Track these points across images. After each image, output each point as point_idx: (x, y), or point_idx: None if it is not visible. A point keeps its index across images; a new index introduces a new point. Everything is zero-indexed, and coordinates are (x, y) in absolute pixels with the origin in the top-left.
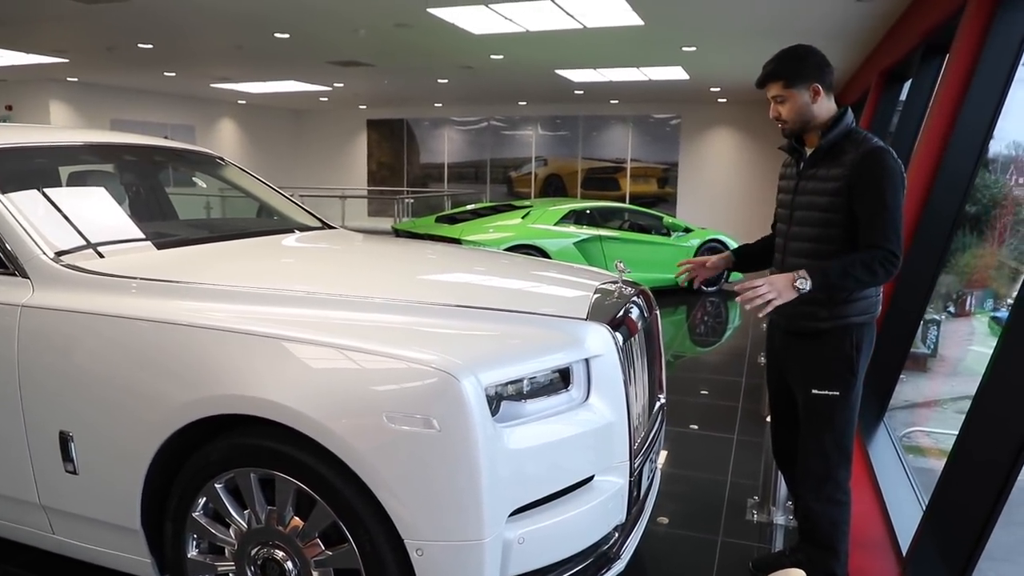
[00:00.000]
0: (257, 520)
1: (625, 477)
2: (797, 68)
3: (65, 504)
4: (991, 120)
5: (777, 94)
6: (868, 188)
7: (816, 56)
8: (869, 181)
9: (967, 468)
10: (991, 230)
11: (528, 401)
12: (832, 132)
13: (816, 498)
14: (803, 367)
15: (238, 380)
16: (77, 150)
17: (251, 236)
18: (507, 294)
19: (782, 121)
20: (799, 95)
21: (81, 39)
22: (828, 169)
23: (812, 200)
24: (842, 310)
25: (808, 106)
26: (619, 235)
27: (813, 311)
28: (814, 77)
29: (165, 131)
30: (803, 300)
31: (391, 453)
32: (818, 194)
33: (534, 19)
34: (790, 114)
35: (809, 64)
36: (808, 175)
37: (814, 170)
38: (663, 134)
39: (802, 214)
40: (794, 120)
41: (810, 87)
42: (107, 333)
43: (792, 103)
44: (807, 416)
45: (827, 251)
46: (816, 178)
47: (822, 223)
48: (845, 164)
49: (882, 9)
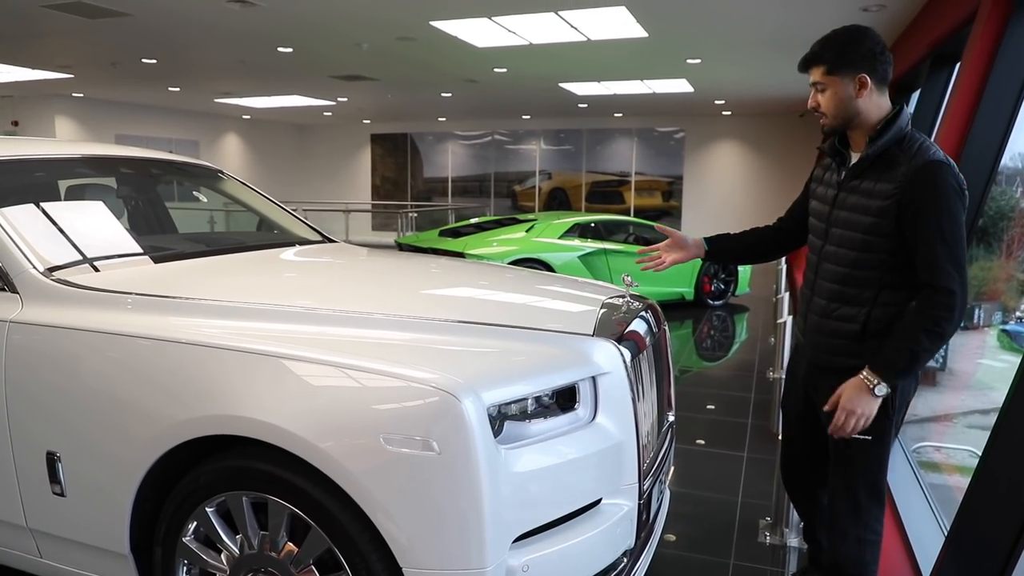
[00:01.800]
0: (249, 545)
1: (634, 500)
2: (843, 52)
3: (52, 527)
4: (1005, 132)
5: (818, 80)
6: (922, 212)
7: (871, 41)
8: (923, 204)
9: (991, 491)
10: (999, 243)
11: (532, 421)
12: (882, 137)
13: (844, 541)
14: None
15: (230, 399)
16: (74, 163)
17: (250, 250)
18: (511, 309)
19: (820, 113)
20: (842, 85)
21: (86, 55)
22: (875, 183)
23: (853, 218)
24: (877, 346)
25: (851, 100)
26: (624, 248)
27: (846, 346)
28: (862, 66)
29: (170, 146)
30: (836, 333)
31: (388, 476)
32: (861, 212)
33: (538, 32)
34: (829, 106)
35: (859, 50)
36: (851, 187)
37: (858, 181)
38: (667, 147)
39: (840, 233)
40: (834, 114)
41: (856, 77)
42: (96, 350)
43: (833, 93)
44: (837, 458)
45: (864, 278)
46: (860, 192)
47: (862, 246)
48: (895, 179)
49: (889, 20)
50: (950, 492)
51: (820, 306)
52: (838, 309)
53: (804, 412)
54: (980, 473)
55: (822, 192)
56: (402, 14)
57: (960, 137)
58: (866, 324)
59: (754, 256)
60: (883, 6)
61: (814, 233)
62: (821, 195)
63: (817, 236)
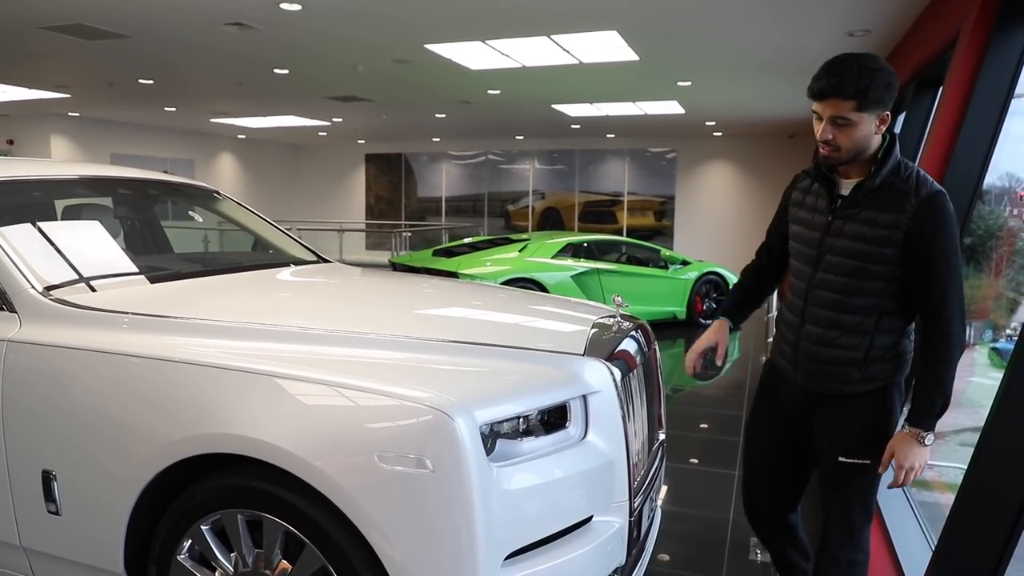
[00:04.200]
0: (244, 564)
1: (625, 517)
2: (877, 89)
3: (47, 546)
4: (987, 152)
5: (844, 115)
6: (933, 245)
7: (892, 75)
8: (933, 235)
9: (976, 507)
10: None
11: (524, 439)
12: (885, 167)
13: (836, 564)
14: (829, 433)
15: (225, 418)
16: (72, 184)
17: (245, 270)
18: (503, 329)
19: (833, 147)
20: (868, 122)
21: (83, 75)
22: (876, 212)
23: (852, 247)
24: (878, 372)
25: (871, 136)
26: (617, 268)
27: (845, 372)
28: (888, 103)
29: (165, 165)
30: (838, 360)
31: (382, 494)
32: (861, 240)
33: (530, 55)
34: (849, 142)
35: (890, 86)
36: (847, 215)
37: (856, 210)
38: (659, 167)
39: (836, 260)
40: (849, 149)
41: (881, 115)
42: (93, 369)
43: (857, 130)
44: (831, 483)
45: (862, 306)
46: (859, 220)
47: (860, 274)
48: (900, 209)
49: (874, 44)
50: (941, 510)
51: (816, 334)
52: (838, 338)
53: (782, 438)
54: (965, 487)
55: (808, 218)
56: (397, 38)
57: (944, 158)
58: (868, 351)
59: (762, 300)
60: (868, 31)
61: (801, 260)
62: (807, 221)
63: (805, 263)
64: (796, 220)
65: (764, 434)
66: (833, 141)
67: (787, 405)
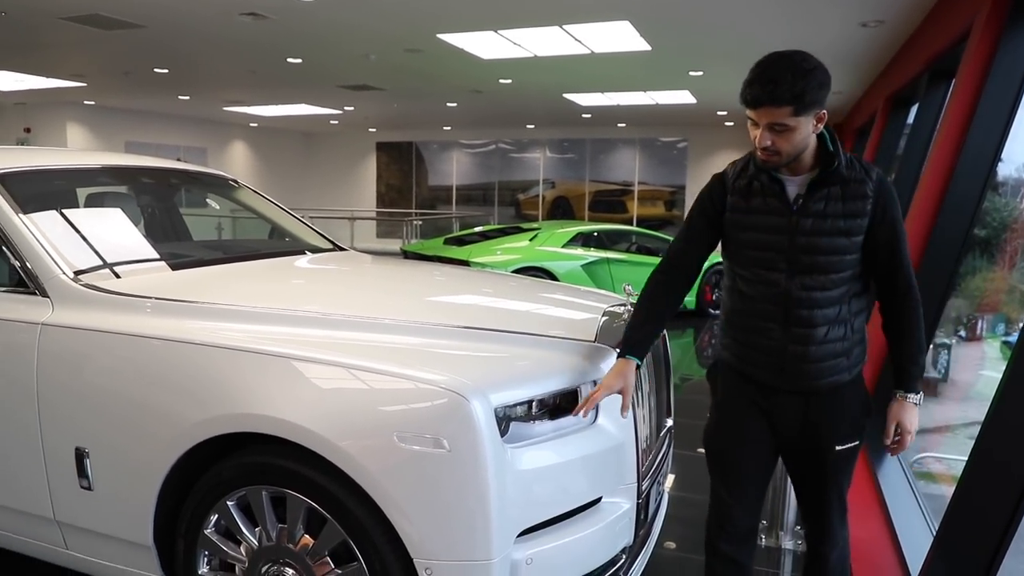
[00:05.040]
0: (268, 538)
1: (633, 499)
2: (812, 92)
3: (79, 520)
4: (998, 144)
5: (782, 122)
6: (896, 221)
7: (824, 74)
8: (894, 213)
9: (977, 492)
10: (1001, 253)
11: (537, 422)
12: (842, 161)
13: (836, 547)
14: (825, 427)
15: (252, 399)
16: (96, 172)
17: (263, 257)
18: (516, 316)
19: (773, 152)
20: (806, 124)
21: (99, 64)
22: (844, 203)
23: (832, 243)
24: (859, 354)
25: (810, 136)
26: (627, 258)
27: (836, 365)
28: (824, 101)
29: (178, 153)
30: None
31: (401, 472)
32: (835, 234)
33: (542, 45)
34: (788, 146)
35: (824, 85)
36: (815, 211)
37: (822, 204)
38: (670, 157)
39: (810, 259)
40: (789, 152)
41: (818, 114)
42: (124, 352)
43: (796, 134)
44: (830, 473)
45: (839, 296)
46: (829, 214)
47: (835, 267)
48: (863, 195)
49: (888, 35)
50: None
51: (804, 335)
52: (827, 332)
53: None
54: (966, 475)
55: (763, 222)
56: (410, 27)
57: (955, 149)
58: (851, 337)
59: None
60: (882, 21)
61: (763, 265)
62: (762, 225)
63: (771, 269)
64: (746, 227)
65: (742, 449)
66: (772, 147)
67: (767, 411)
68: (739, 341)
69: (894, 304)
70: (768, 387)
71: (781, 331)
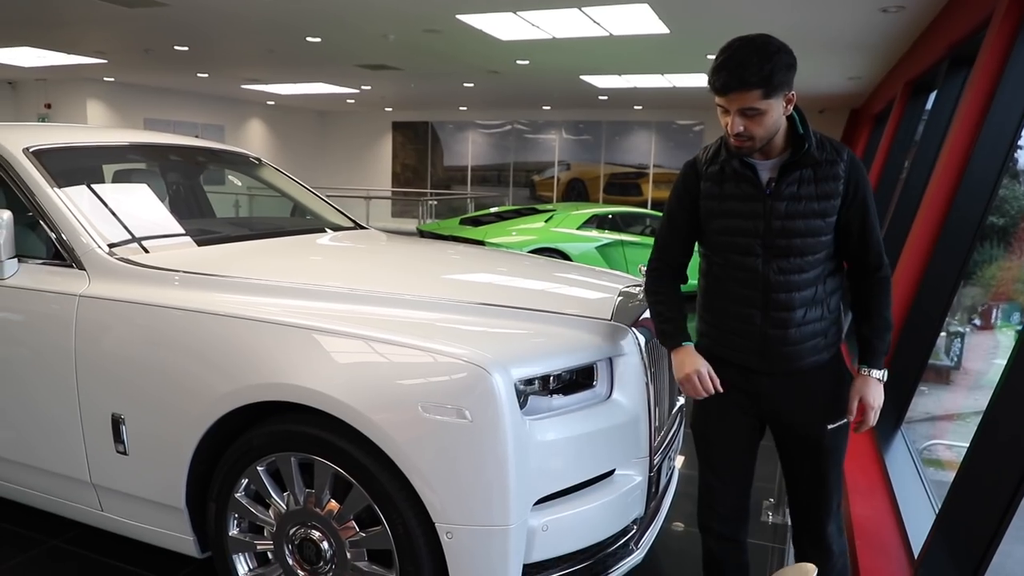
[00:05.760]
0: (296, 502)
1: (644, 472)
2: (780, 73)
3: (114, 483)
4: (1015, 131)
5: (751, 107)
6: (866, 198)
7: (789, 55)
8: (865, 190)
9: (979, 472)
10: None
11: (554, 396)
12: (812, 138)
13: (834, 518)
14: (810, 407)
15: (285, 369)
16: (125, 150)
17: (287, 235)
18: (535, 295)
19: (746, 138)
20: (776, 106)
21: (121, 41)
22: (816, 184)
23: (808, 225)
24: (835, 332)
25: (780, 118)
26: (641, 240)
27: (814, 345)
28: (791, 82)
29: (196, 130)
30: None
31: (425, 441)
32: (810, 216)
33: (561, 27)
34: (760, 130)
35: (791, 66)
36: (788, 194)
37: (795, 187)
38: (686, 140)
39: (785, 243)
40: (763, 136)
41: (787, 95)
42: (160, 323)
43: (768, 118)
44: (822, 453)
45: (815, 277)
46: (803, 197)
47: (810, 249)
48: (835, 176)
49: (908, 21)
50: None
51: (783, 319)
52: (806, 313)
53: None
54: (969, 455)
55: (737, 208)
56: (430, 8)
57: (972, 135)
58: (826, 316)
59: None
60: (902, 7)
61: (739, 251)
62: (736, 211)
63: (747, 253)
64: (720, 213)
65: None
66: (745, 132)
67: (745, 396)
68: (717, 327)
69: (864, 281)
70: (749, 370)
71: (760, 315)
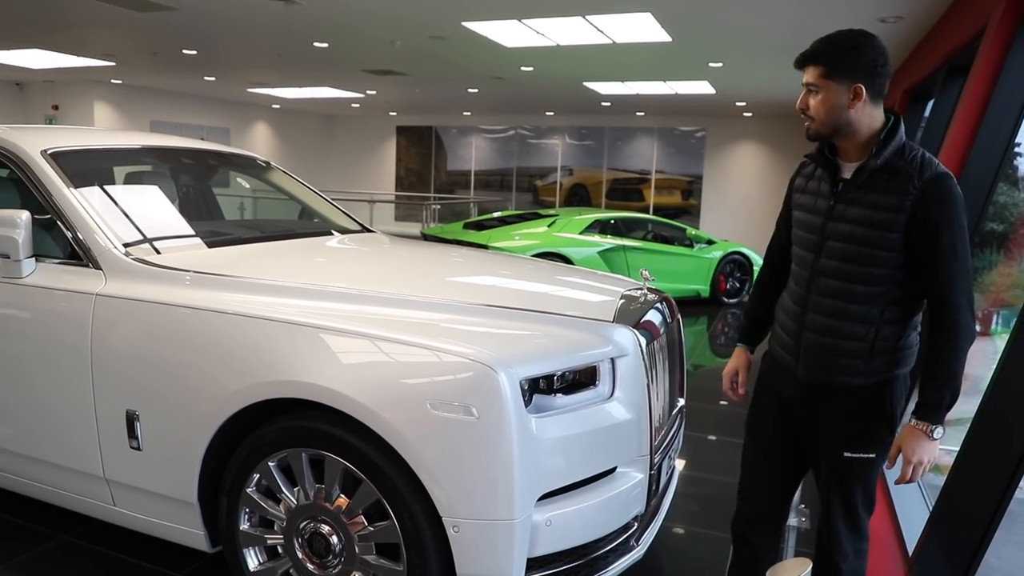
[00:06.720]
0: (306, 497)
1: (645, 470)
2: (844, 58)
3: (128, 478)
4: (1009, 139)
5: (812, 81)
6: (939, 229)
7: (873, 51)
8: (939, 220)
9: (972, 472)
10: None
11: (558, 395)
12: (887, 148)
13: (846, 559)
14: (832, 428)
15: (297, 368)
16: (139, 152)
17: (295, 237)
18: (539, 297)
19: (808, 116)
20: (837, 92)
21: (129, 44)
22: (879, 195)
23: (855, 231)
24: (883, 363)
25: (843, 109)
26: (643, 245)
27: (849, 365)
28: (860, 76)
29: (201, 132)
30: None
31: (433, 438)
32: (864, 224)
33: (565, 34)
34: (820, 111)
35: (861, 59)
36: (850, 198)
37: (859, 193)
38: (688, 146)
39: (839, 247)
40: (822, 120)
41: (852, 87)
42: (175, 322)
43: (825, 98)
44: (835, 477)
45: (869, 294)
46: (862, 204)
47: (864, 260)
48: (904, 191)
49: (905, 31)
50: None
51: (821, 324)
52: (844, 327)
53: (784, 436)
54: (961, 455)
55: (810, 202)
56: (436, 15)
57: (967, 143)
58: (874, 342)
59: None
60: (900, 17)
61: (802, 246)
62: (809, 206)
63: (807, 249)
64: (798, 206)
65: (766, 434)
66: (807, 109)
67: (788, 400)
68: (777, 321)
69: (931, 322)
70: (788, 375)
71: (802, 315)
